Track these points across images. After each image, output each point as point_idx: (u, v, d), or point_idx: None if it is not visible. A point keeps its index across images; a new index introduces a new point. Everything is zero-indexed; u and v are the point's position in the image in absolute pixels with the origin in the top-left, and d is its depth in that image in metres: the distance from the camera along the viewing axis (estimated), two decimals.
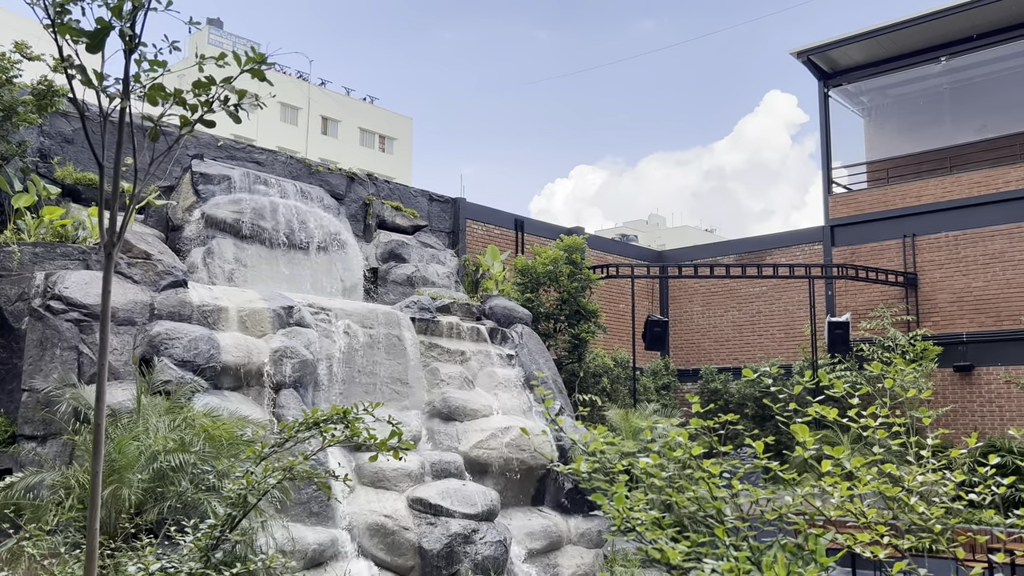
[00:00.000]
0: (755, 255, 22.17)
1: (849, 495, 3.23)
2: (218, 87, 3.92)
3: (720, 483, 3.47)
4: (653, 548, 3.48)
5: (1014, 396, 17.12)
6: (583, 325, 17.48)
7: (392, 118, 56.72)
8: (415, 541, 10.91)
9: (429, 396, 13.36)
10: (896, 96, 21.48)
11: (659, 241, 57.48)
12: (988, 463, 4.48)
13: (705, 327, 22.90)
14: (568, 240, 17.79)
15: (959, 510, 3.32)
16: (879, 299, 19.36)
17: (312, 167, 15.77)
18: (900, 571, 3.06)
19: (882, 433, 3.51)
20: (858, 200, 20.54)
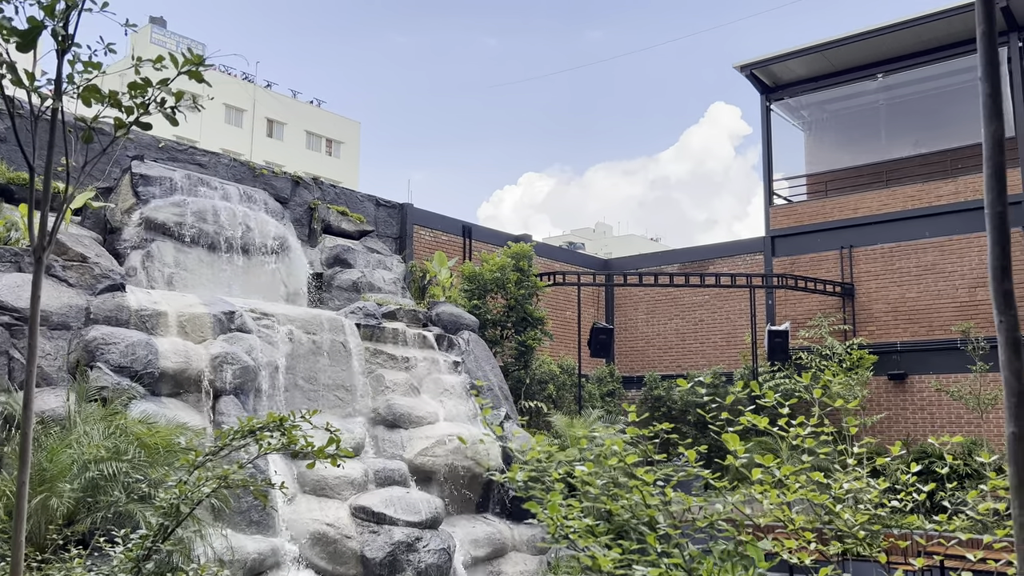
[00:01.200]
0: (698, 264, 22.53)
1: (778, 502, 3.30)
2: (154, 89, 3.84)
3: (653, 491, 3.52)
4: (586, 555, 3.51)
5: (944, 404, 17.68)
6: (530, 332, 17.54)
7: (339, 122, 56.23)
8: (357, 549, 10.80)
9: (374, 403, 13.25)
10: (835, 111, 22.06)
11: (606, 249, 58.01)
12: (922, 469, 4.63)
13: (649, 335, 23.17)
14: (516, 247, 17.84)
15: (882, 516, 3.43)
16: (818, 308, 19.83)
17: (256, 170, 15.55)
18: (826, 575, 3.15)
19: (811, 442, 3.61)
20: (798, 212, 21.03)
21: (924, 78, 20.09)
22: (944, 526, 3.59)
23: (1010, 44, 18.20)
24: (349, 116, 58.56)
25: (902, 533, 10.57)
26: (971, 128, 19.16)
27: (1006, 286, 2.09)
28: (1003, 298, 2.10)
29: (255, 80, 52.01)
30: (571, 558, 11.66)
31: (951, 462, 3.99)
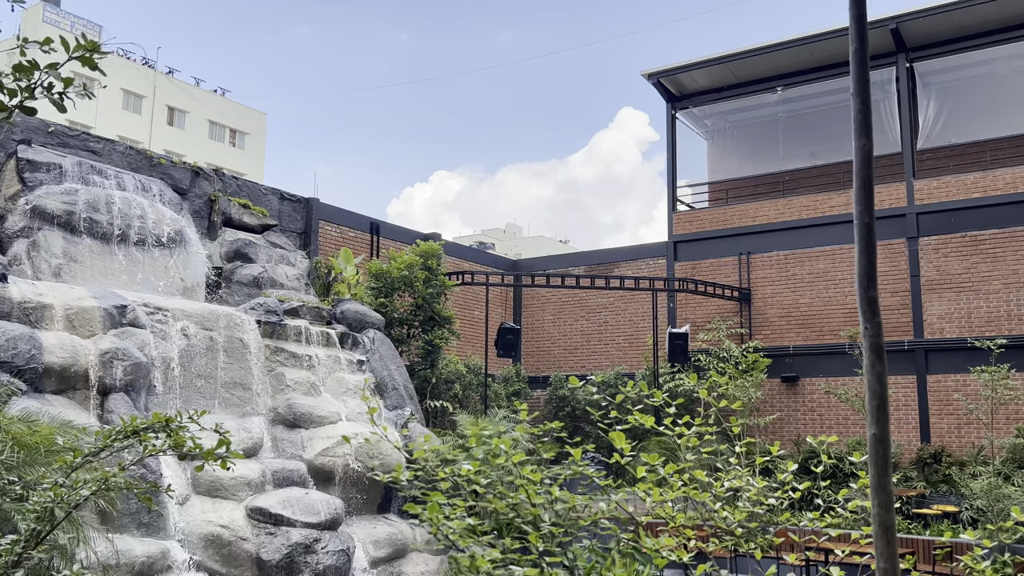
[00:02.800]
0: (604, 267, 22.92)
1: (660, 500, 3.40)
2: (41, 73, 3.65)
3: (539, 489, 3.57)
4: (464, 556, 3.53)
5: (832, 405, 18.52)
6: (437, 331, 17.48)
7: (245, 112, 54.73)
8: (253, 551, 10.55)
9: (273, 402, 12.96)
10: (737, 121, 22.82)
11: (515, 250, 58.37)
12: (812, 468, 4.84)
13: (556, 335, 23.44)
14: (424, 246, 17.75)
15: (760, 513, 3.58)
16: (716, 312, 20.46)
17: (154, 159, 14.98)
18: (704, 572, 3.25)
19: (695, 441, 3.73)
20: (700, 218, 21.65)
21: (819, 93, 21.00)
22: (816, 523, 3.77)
23: (898, 64, 19.22)
24: (255, 107, 57.06)
25: (778, 529, 11.04)
26: None
27: (871, 294, 2.21)
28: (868, 305, 2.21)
29: (156, 66, 50.15)
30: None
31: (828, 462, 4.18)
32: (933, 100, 19.28)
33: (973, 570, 3.57)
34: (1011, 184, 17.46)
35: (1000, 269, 17.29)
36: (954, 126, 19.14)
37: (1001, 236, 17.37)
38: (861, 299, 2.21)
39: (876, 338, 2.20)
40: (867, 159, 2.16)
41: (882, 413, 2.22)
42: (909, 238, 18.30)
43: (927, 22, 18.44)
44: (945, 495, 15.84)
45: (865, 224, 2.17)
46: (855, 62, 2.23)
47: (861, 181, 2.17)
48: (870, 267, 2.20)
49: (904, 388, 17.89)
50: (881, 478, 2.20)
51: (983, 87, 19.53)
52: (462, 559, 3.52)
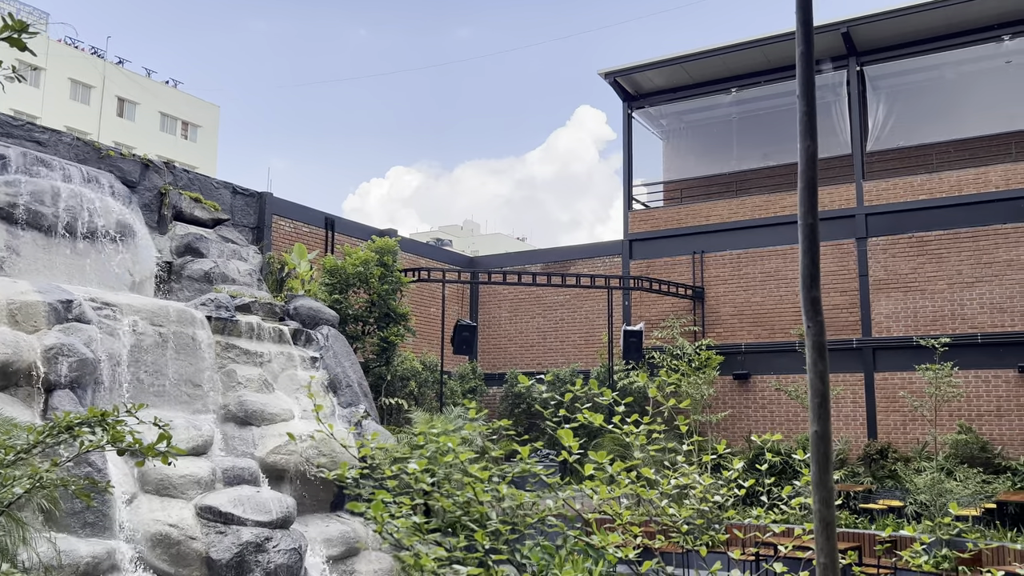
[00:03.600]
0: (561, 264, 23.01)
1: (607, 497, 3.42)
2: None
3: (486, 487, 3.57)
4: (408, 554, 3.52)
5: (783, 402, 18.84)
6: (392, 328, 17.38)
7: (197, 104, 53.76)
8: (202, 551, 10.37)
9: (225, 399, 12.76)
10: (692, 121, 23.06)
11: (473, 247, 58.29)
12: (760, 464, 4.93)
13: (512, 332, 23.47)
14: (380, 242, 17.63)
15: (706, 511, 3.63)
16: (670, 310, 20.67)
17: (102, 151, 14.64)
18: (650, 568, 3.28)
19: (643, 439, 3.76)
20: (655, 217, 21.85)
21: (772, 95, 21.32)
22: (762, 519, 3.83)
23: (849, 68, 19.61)
24: (208, 99, 56.07)
25: (727, 525, 11.21)
26: None
27: (814, 293, 2.25)
28: (811, 304, 2.25)
29: (106, 56, 49.00)
30: None
31: (773, 459, 4.25)
32: (882, 103, 19.70)
33: (911, 564, 3.66)
34: (956, 187, 17.92)
35: (945, 270, 17.75)
36: (902, 129, 19.59)
37: (946, 237, 17.83)
38: (804, 299, 2.25)
39: (819, 337, 2.24)
40: (811, 160, 2.20)
41: (824, 411, 2.27)
42: (858, 238, 18.69)
43: (877, 27, 18.83)
44: (891, 490, 16.22)
45: (809, 225, 2.21)
46: (801, 65, 2.26)
47: (805, 182, 2.20)
48: (813, 267, 2.23)
49: (852, 386, 18.27)
50: (822, 475, 2.24)
51: (931, 91, 20.01)
52: (406, 557, 3.50)
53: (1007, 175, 17.48)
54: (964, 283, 17.51)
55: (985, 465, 15.65)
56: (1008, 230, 17.26)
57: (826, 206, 19.28)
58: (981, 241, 17.48)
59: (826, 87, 20.25)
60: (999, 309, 17.13)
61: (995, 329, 17.07)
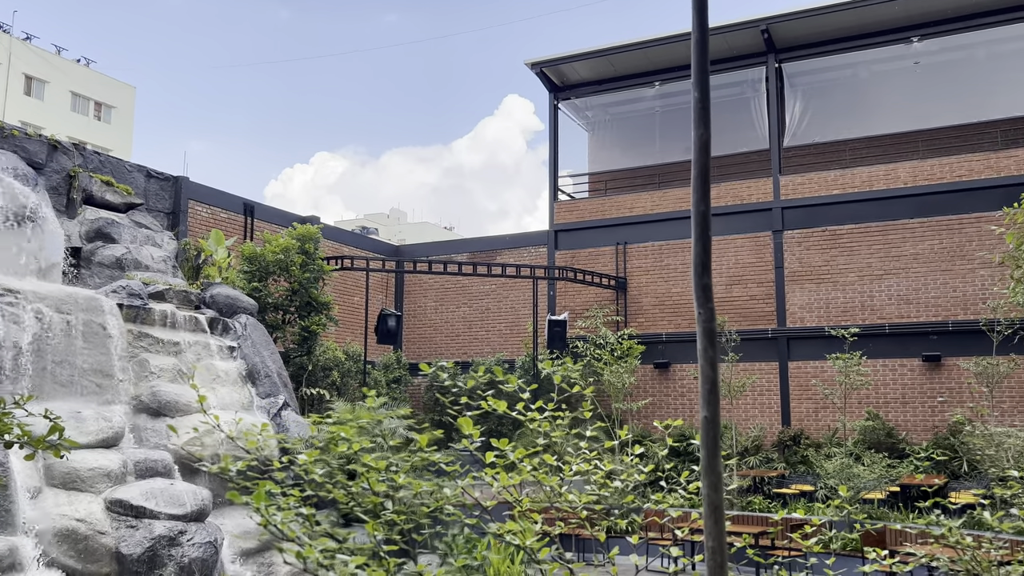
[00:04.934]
0: (487, 254, 23.01)
1: (507, 484, 3.44)
2: None
3: (380, 477, 3.54)
4: (290, 547, 3.47)
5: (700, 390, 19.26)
6: (314, 317, 17.11)
7: (112, 84, 51.76)
8: (112, 546, 10.05)
9: (137, 390, 12.36)
10: (617, 114, 23.31)
11: (400, 236, 57.80)
12: (680, 450, 5.03)
13: (438, 322, 23.39)
14: (301, 229, 17.32)
15: (607, 496, 3.68)
16: (594, 300, 20.91)
17: (6, 130, 13.96)
18: (548, 555, 3.32)
19: (546, 425, 3.79)
20: (580, 208, 22.04)
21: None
22: (659, 504, 3.92)
23: (768, 64, 20.11)
24: (123, 79, 54.05)
25: (624, 510, 11.42)
26: (732, 138, 20.96)
27: (705, 280, 2.29)
28: (702, 292, 2.29)
29: (11, 31, 46.72)
30: None
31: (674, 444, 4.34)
32: (799, 100, 20.27)
33: (803, 545, 3.79)
34: (867, 182, 18.59)
35: (856, 262, 18.40)
36: (818, 125, 20.20)
37: (857, 231, 18.49)
38: (696, 286, 2.29)
39: (709, 323, 2.28)
40: (705, 148, 2.23)
41: (713, 396, 2.31)
42: (775, 231, 19.22)
43: (795, 25, 19.35)
44: (803, 475, 16.79)
45: (701, 212, 2.25)
46: (696, 52, 2.29)
47: (699, 170, 2.24)
48: (705, 255, 2.27)
49: (768, 374, 18.81)
50: (711, 460, 2.29)
51: (845, 89, 20.68)
52: (288, 549, 3.45)
53: (915, 172, 18.21)
54: (874, 275, 18.20)
55: (891, 450, 16.33)
56: (915, 225, 17.99)
57: (744, 199, 19.76)
58: (890, 235, 18.18)
59: (746, 83, 20.73)
60: (906, 301, 17.87)
61: (902, 320, 17.80)
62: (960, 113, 19.04)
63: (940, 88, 19.45)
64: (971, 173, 17.70)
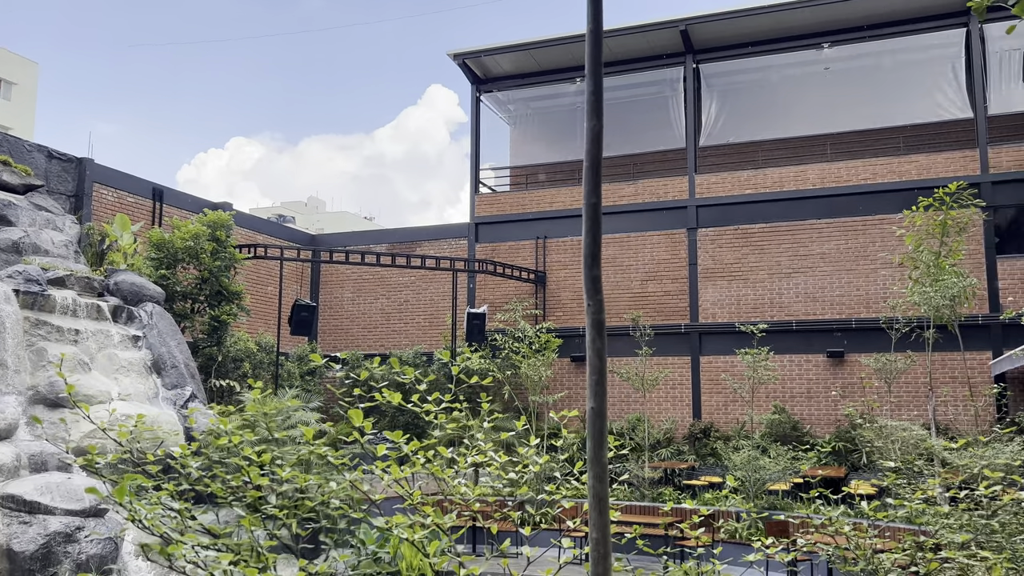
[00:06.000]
0: (407, 245, 22.82)
1: (399, 476, 3.42)
2: None
3: (260, 471, 3.47)
4: (155, 542, 3.38)
5: (616, 384, 19.56)
6: (225, 307, 16.65)
7: (12, 60, 49.22)
8: (3, 543, 9.58)
9: (33, 380, 11.80)
10: (538, 108, 23.40)
11: (318, 225, 56.81)
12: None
13: (355, 313, 23.08)
14: (212, 215, 16.81)
15: (499, 489, 3.69)
16: (514, 294, 20.98)
17: None
18: (438, 548, 3.31)
19: (443, 417, 3.77)
20: (501, 201, 22.06)
21: (614, 86, 21.96)
22: (553, 496, 3.95)
23: (686, 64, 20.49)
24: (25, 55, 51.44)
25: (534, 502, 11.55)
26: (651, 136, 21.31)
27: (595, 272, 2.30)
28: (592, 283, 2.30)
29: None
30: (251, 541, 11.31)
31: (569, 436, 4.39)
32: (715, 100, 20.73)
33: (692, 535, 3.88)
34: (778, 183, 19.15)
35: (766, 261, 18.96)
36: (733, 126, 20.70)
37: (767, 230, 19.04)
38: (586, 277, 2.29)
39: (598, 315, 2.29)
40: (596, 140, 2.24)
41: (600, 388, 2.32)
42: (689, 229, 19.63)
43: (713, 27, 19.77)
44: (712, 467, 17.23)
45: (592, 205, 2.25)
46: (590, 44, 2.29)
47: (590, 162, 2.24)
48: (595, 247, 2.28)
49: (680, 368, 19.22)
50: (597, 451, 2.31)
51: (759, 92, 21.24)
52: (153, 545, 3.34)
53: (823, 174, 18.85)
54: (782, 273, 18.78)
55: (796, 443, 16.91)
56: (822, 225, 18.64)
57: (661, 197, 20.12)
58: (798, 235, 18.79)
59: (664, 82, 21.08)
60: (812, 298, 18.50)
61: (808, 317, 18.43)
62: (866, 118, 19.80)
63: (848, 94, 20.17)
64: (875, 177, 18.43)
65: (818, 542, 4.55)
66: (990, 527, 5.46)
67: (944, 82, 18.78)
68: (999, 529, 5.68)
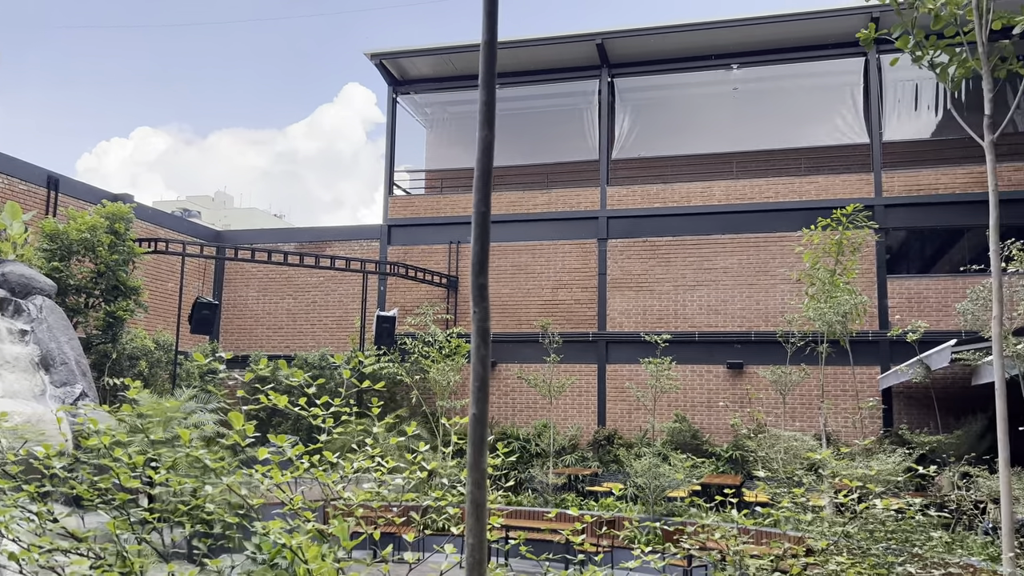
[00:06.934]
0: (317, 245, 22.44)
1: (279, 481, 3.36)
2: None
3: (131, 474, 3.37)
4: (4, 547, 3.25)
5: (524, 390, 19.70)
6: (121, 302, 16.00)
7: None
8: None
9: None
10: (456, 112, 23.40)
11: (224, 221, 55.28)
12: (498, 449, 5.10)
13: (260, 313, 22.55)
14: (112, 207, 16.15)
15: (383, 494, 3.67)
16: (426, 298, 20.88)
17: None
18: (317, 553, 3.27)
19: (329, 422, 3.72)
20: (415, 204, 21.95)
21: (532, 95, 22.17)
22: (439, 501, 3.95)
23: (601, 78, 20.85)
24: None
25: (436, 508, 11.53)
26: (565, 146, 21.57)
27: (482, 280, 2.31)
28: (478, 291, 2.31)
29: None
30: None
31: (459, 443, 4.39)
32: (628, 115, 21.15)
33: (571, 540, 3.95)
34: (685, 198, 19.67)
35: (671, 273, 19.43)
36: (644, 141, 21.15)
37: (673, 243, 19.52)
38: (473, 285, 2.30)
39: (483, 322, 2.30)
40: (488, 150, 2.25)
41: (483, 394, 2.34)
42: (600, 239, 19.95)
43: (628, 42, 20.18)
44: (615, 474, 17.52)
45: (481, 213, 2.26)
46: (484, 55, 2.31)
47: (480, 171, 2.25)
48: (483, 255, 2.29)
49: (587, 376, 19.49)
50: (477, 457, 2.32)
51: (670, 108, 21.77)
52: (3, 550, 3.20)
53: (728, 191, 19.46)
54: (687, 286, 19.28)
55: (695, 451, 17.35)
56: (726, 240, 19.22)
57: (574, 207, 20.39)
58: (703, 249, 19.33)
59: (580, 94, 21.39)
60: (714, 311, 19.05)
61: (710, 329, 18.96)
62: (771, 139, 20.54)
63: (754, 114, 20.89)
64: (777, 195, 19.13)
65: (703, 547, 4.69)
66: (847, 533, 5.73)
67: (844, 108, 19.66)
68: (861, 535, 5.95)
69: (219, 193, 70.14)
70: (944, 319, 17.47)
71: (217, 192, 70.16)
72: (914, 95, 19.33)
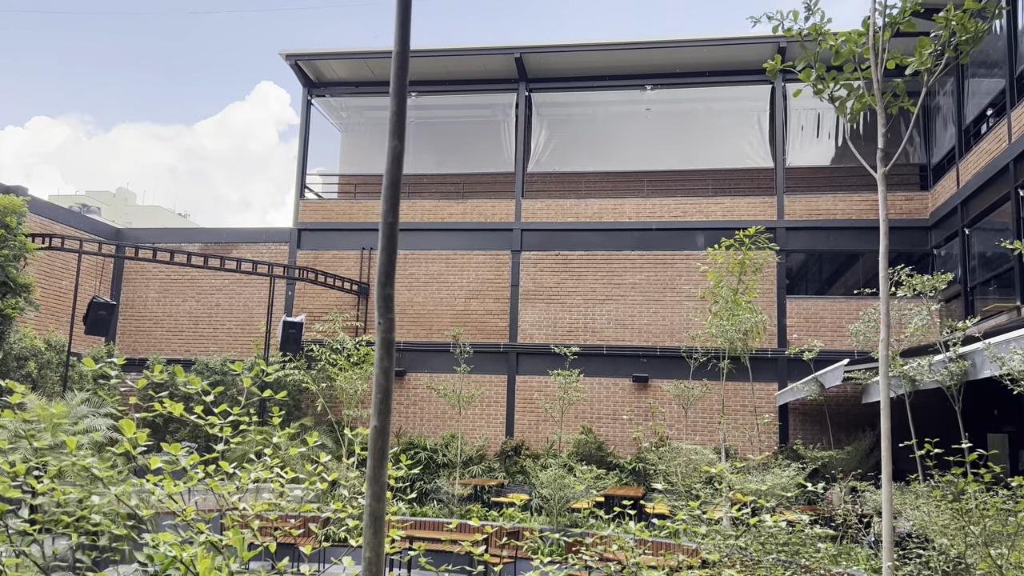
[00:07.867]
0: (222, 247, 21.83)
1: (173, 491, 3.26)
2: None
3: (11, 482, 3.22)
4: None
5: (433, 400, 19.60)
6: (10, 300, 15.21)
7: None
8: None
9: None
10: (372, 118, 23.19)
11: (126, 218, 53.21)
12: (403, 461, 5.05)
13: (160, 315, 21.77)
14: (2, 199, 15.35)
15: (282, 505, 3.61)
16: (335, 304, 20.56)
17: None
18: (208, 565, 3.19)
19: (227, 431, 3.63)
20: (327, 208, 21.62)
21: (450, 105, 22.19)
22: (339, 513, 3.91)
23: (519, 91, 21.03)
24: None
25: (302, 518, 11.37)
26: (482, 158, 21.65)
27: (387, 291, 2.30)
28: (384, 302, 2.30)
29: None
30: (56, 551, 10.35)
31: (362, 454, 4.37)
32: (545, 129, 21.39)
33: (472, 552, 3.96)
34: (597, 214, 20.00)
35: (582, 287, 19.70)
36: (560, 155, 21.43)
37: (585, 258, 19.82)
38: (378, 295, 2.29)
39: (388, 333, 2.29)
40: (397, 160, 2.24)
41: (385, 406, 2.32)
42: (513, 251, 20.08)
43: (545, 57, 20.44)
44: (521, 484, 17.60)
45: (389, 224, 2.25)
46: (395, 65, 2.30)
47: (389, 181, 2.24)
48: (389, 265, 2.28)
49: (497, 386, 19.54)
50: (377, 469, 2.30)
51: (586, 125, 22.14)
52: None
53: (639, 209, 19.89)
54: (597, 300, 19.58)
55: (600, 463, 17.61)
56: (635, 256, 19.63)
57: (488, 218, 20.46)
58: (613, 264, 19.69)
59: (498, 106, 21.52)
60: (622, 325, 19.41)
61: (618, 342, 19.30)
62: (681, 160, 21.12)
63: (666, 135, 21.44)
64: (685, 215, 19.66)
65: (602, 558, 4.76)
66: (740, 546, 5.93)
67: (751, 132, 20.39)
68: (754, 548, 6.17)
69: (121, 189, 67.44)
70: (838, 339, 18.27)
71: (119, 188, 67.45)
72: (816, 124, 20.21)
